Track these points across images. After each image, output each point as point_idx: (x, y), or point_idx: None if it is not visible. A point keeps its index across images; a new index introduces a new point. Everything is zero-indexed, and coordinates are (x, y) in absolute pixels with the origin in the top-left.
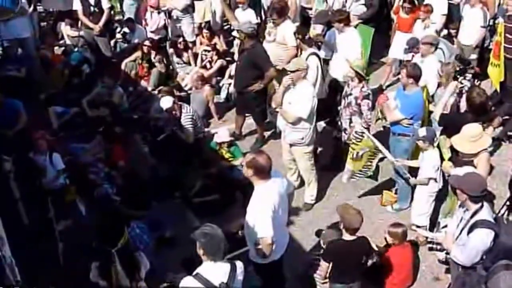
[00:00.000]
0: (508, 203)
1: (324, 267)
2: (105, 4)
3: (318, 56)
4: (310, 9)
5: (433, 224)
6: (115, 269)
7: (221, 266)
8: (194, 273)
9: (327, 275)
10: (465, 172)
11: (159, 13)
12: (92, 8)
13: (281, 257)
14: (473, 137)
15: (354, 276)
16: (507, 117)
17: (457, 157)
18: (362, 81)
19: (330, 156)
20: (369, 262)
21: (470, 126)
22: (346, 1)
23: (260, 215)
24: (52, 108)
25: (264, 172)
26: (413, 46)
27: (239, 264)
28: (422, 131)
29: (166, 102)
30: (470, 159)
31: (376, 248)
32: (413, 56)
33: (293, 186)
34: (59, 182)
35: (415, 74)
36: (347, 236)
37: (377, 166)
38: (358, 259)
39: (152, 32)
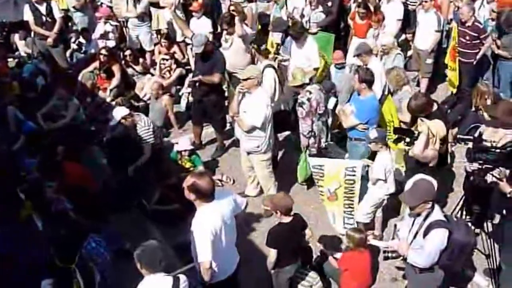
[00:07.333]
0: (461, 203)
1: (273, 254)
2: (57, 14)
3: (274, 68)
4: (269, 15)
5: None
6: (77, 284)
7: (162, 280)
8: None
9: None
10: (412, 184)
11: (105, 22)
12: (44, 18)
13: (231, 276)
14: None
15: (299, 254)
16: (460, 117)
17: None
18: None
19: (290, 161)
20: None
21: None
22: (304, 9)
23: (199, 239)
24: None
25: (207, 195)
26: (363, 51)
27: (183, 278)
28: (373, 133)
29: (119, 111)
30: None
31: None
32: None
33: (243, 206)
34: None
35: (368, 79)
36: (285, 219)
37: None
38: (301, 235)
39: (98, 39)
